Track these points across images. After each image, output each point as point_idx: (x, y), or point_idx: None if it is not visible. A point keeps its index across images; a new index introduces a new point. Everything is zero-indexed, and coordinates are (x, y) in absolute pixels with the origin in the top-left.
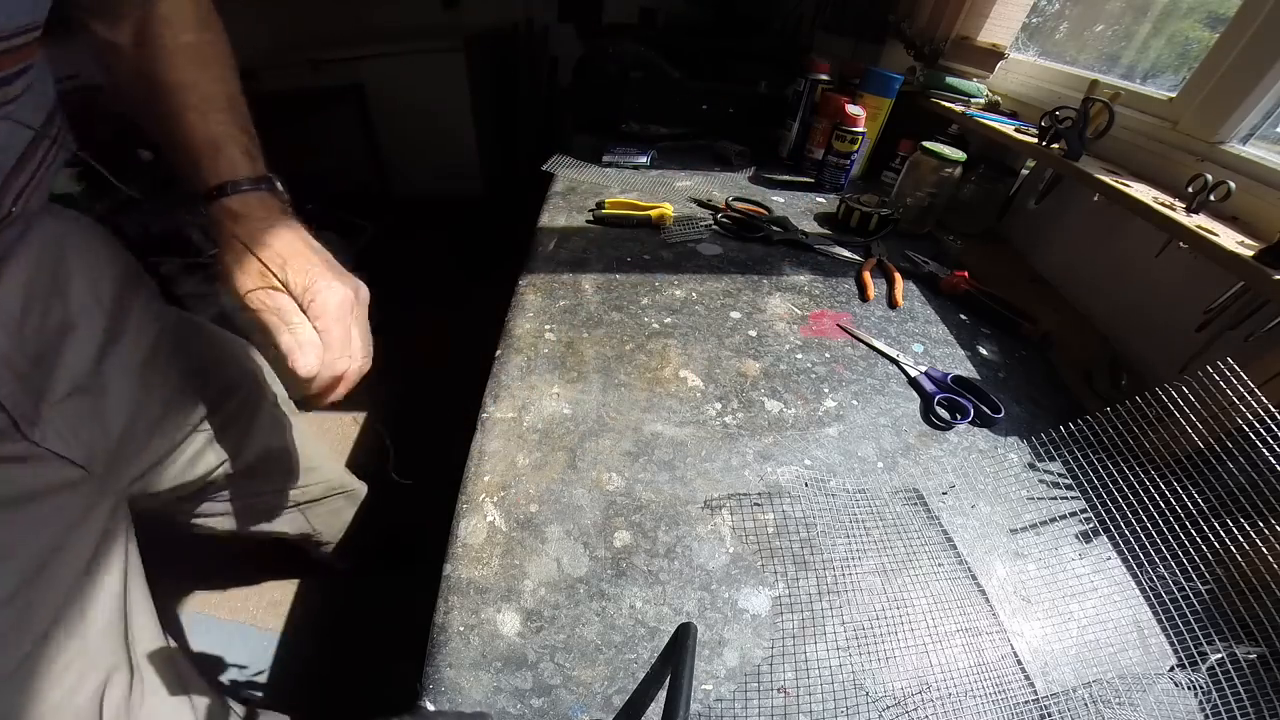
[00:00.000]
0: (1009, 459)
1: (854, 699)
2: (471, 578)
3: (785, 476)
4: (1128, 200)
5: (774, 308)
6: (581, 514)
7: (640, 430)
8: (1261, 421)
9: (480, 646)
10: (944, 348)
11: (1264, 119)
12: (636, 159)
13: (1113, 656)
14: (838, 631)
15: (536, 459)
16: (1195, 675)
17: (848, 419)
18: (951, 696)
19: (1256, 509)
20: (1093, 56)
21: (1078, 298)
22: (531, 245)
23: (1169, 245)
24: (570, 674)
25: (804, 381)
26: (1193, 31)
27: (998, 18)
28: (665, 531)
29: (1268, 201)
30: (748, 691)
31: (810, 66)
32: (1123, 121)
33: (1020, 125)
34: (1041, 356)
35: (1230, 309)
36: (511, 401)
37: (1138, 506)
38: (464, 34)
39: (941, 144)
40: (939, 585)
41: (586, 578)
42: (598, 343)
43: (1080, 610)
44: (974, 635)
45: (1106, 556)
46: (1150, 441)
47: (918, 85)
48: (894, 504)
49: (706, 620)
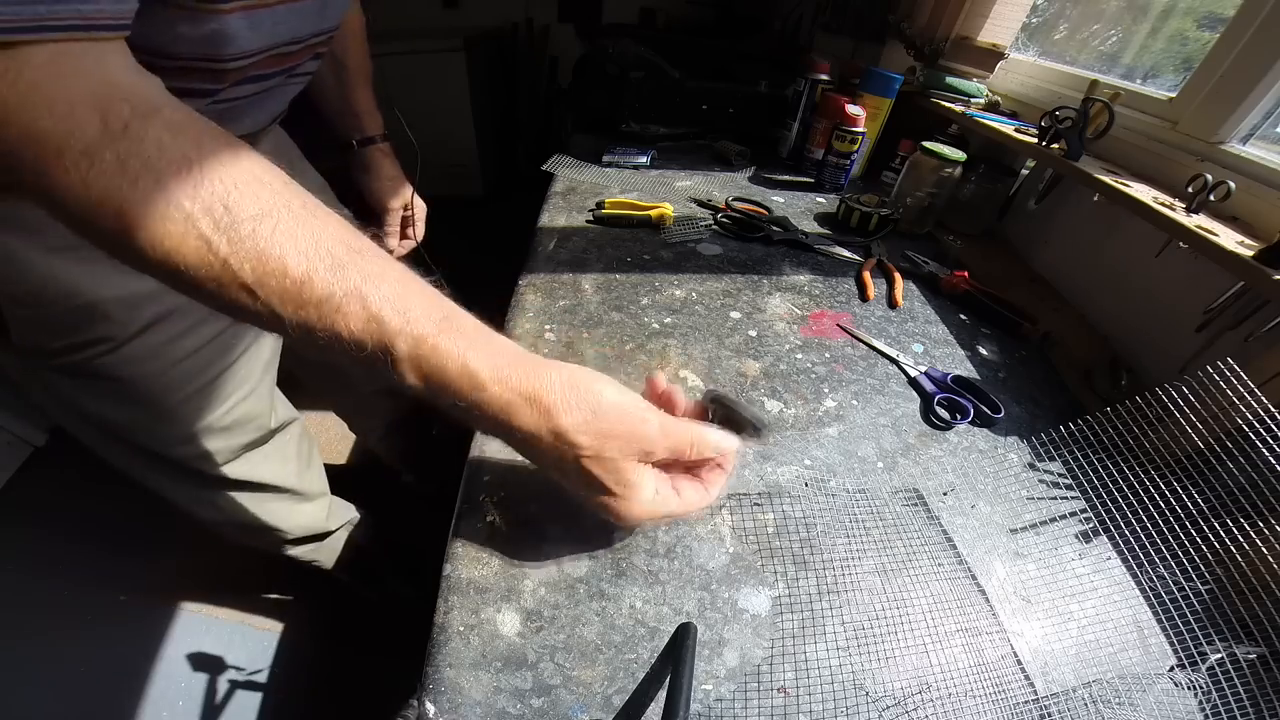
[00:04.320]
0: (1009, 459)
1: (854, 699)
2: (471, 578)
3: (785, 476)
4: (1128, 200)
5: (774, 308)
6: (581, 513)
7: None
8: (1261, 421)
9: (480, 646)
10: (944, 348)
11: (1264, 119)
12: (636, 159)
13: (1113, 656)
14: (838, 631)
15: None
16: (1195, 675)
17: (848, 419)
18: (951, 696)
19: (1256, 509)
20: (1093, 56)
21: (1078, 298)
22: (531, 245)
23: (1169, 245)
24: (570, 674)
25: (804, 381)
26: (1192, 31)
27: (998, 18)
28: (665, 531)
29: (1268, 201)
30: (748, 691)
31: (810, 66)
32: (1123, 121)
33: (1020, 125)
34: (1041, 356)
35: (1230, 309)
36: None
37: (1137, 506)
38: (464, 34)
39: (941, 144)
40: (939, 585)
41: (586, 578)
42: (598, 343)
43: (1080, 610)
44: (974, 635)
45: (1106, 556)
46: (1150, 441)
47: (918, 85)
48: (894, 504)
49: (706, 620)
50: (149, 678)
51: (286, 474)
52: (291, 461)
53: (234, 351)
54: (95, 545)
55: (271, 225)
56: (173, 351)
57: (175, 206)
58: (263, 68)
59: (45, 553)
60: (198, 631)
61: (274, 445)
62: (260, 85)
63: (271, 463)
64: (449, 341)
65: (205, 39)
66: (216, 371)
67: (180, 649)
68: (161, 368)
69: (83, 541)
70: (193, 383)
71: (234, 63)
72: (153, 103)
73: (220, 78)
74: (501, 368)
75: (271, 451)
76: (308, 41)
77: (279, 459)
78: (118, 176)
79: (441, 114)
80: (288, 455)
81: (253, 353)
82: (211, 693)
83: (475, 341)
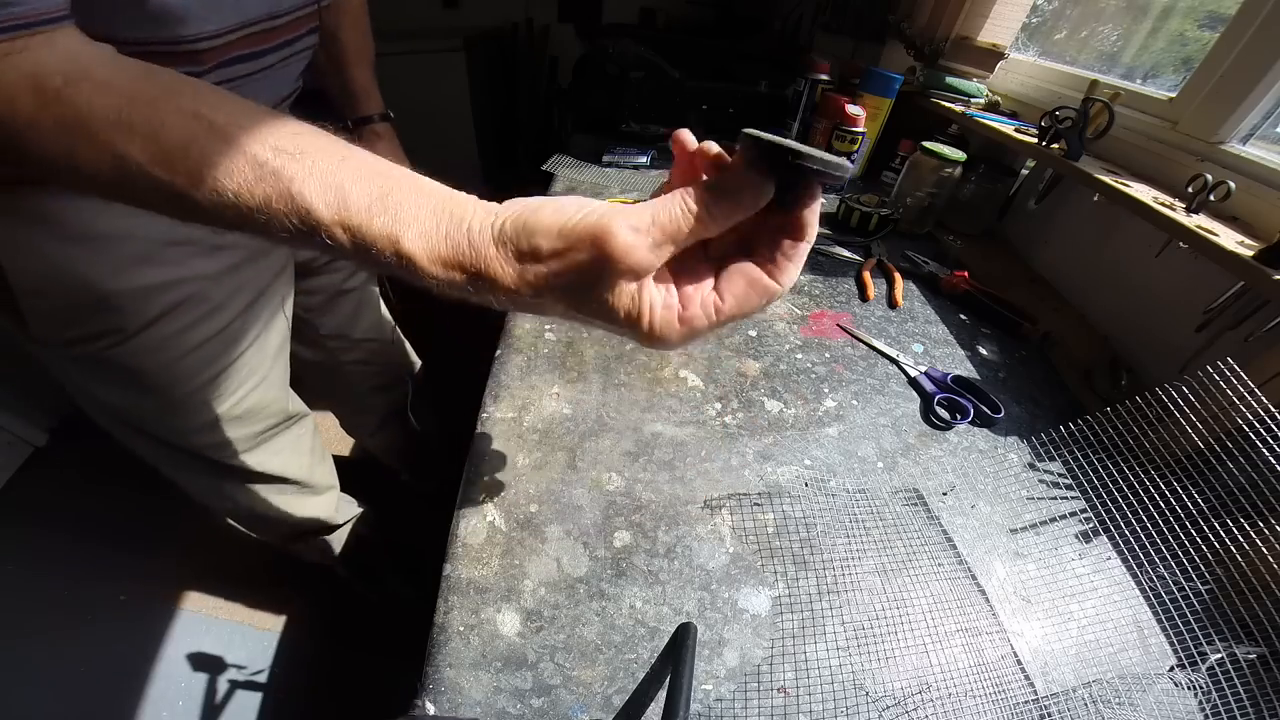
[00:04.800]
0: (1009, 459)
1: (854, 699)
2: (471, 578)
3: (785, 476)
4: (1128, 200)
5: (773, 307)
6: (581, 514)
7: (640, 430)
8: (1261, 421)
9: (480, 646)
10: (944, 348)
11: (1264, 119)
12: (636, 159)
13: (1113, 656)
14: (838, 631)
15: (536, 459)
16: (1195, 675)
17: (848, 419)
18: (951, 696)
19: (1256, 509)
20: (1093, 56)
21: (1077, 298)
22: None
23: (1169, 245)
24: (570, 674)
25: (804, 381)
26: (1192, 31)
27: (998, 18)
28: (665, 531)
29: (1268, 201)
30: (748, 691)
31: (810, 66)
32: (1123, 121)
33: (1020, 125)
34: (1041, 356)
35: (1230, 309)
36: (511, 401)
37: (1137, 506)
38: (464, 34)
39: (941, 144)
40: (939, 585)
41: (586, 578)
42: (597, 342)
43: (1080, 610)
44: (974, 635)
45: (1106, 556)
46: (1150, 441)
47: (918, 85)
48: (894, 504)
49: (706, 620)
50: (149, 678)
51: (300, 466)
52: (306, 455)
53: (243, 342)
54: (95, 545)
55: (200, 149)
56: (182, 343)
57: (106, 148)
58: (248, 45)
59: (45, 552)
60: (198, 631)
61: (290, 437)
62: (255, 64)
63: (286, 454)
64: (381, 224)
65: (153, 20)
66: (227, 362)
67: (180, 649)
68: (172, 359)
69: (82, 541)
70: (204, 373)
71: (204, 43)
72: (85, 69)
73: (196, 59)
74: (436, 247)
75: (287, 444)
76: (293, 14)
77: (293, 451)
78: (63, 135)
79: (441, 114)
80: (302, 448)
81: (261, 342)
82: (211, 693)
83: (401, 216)
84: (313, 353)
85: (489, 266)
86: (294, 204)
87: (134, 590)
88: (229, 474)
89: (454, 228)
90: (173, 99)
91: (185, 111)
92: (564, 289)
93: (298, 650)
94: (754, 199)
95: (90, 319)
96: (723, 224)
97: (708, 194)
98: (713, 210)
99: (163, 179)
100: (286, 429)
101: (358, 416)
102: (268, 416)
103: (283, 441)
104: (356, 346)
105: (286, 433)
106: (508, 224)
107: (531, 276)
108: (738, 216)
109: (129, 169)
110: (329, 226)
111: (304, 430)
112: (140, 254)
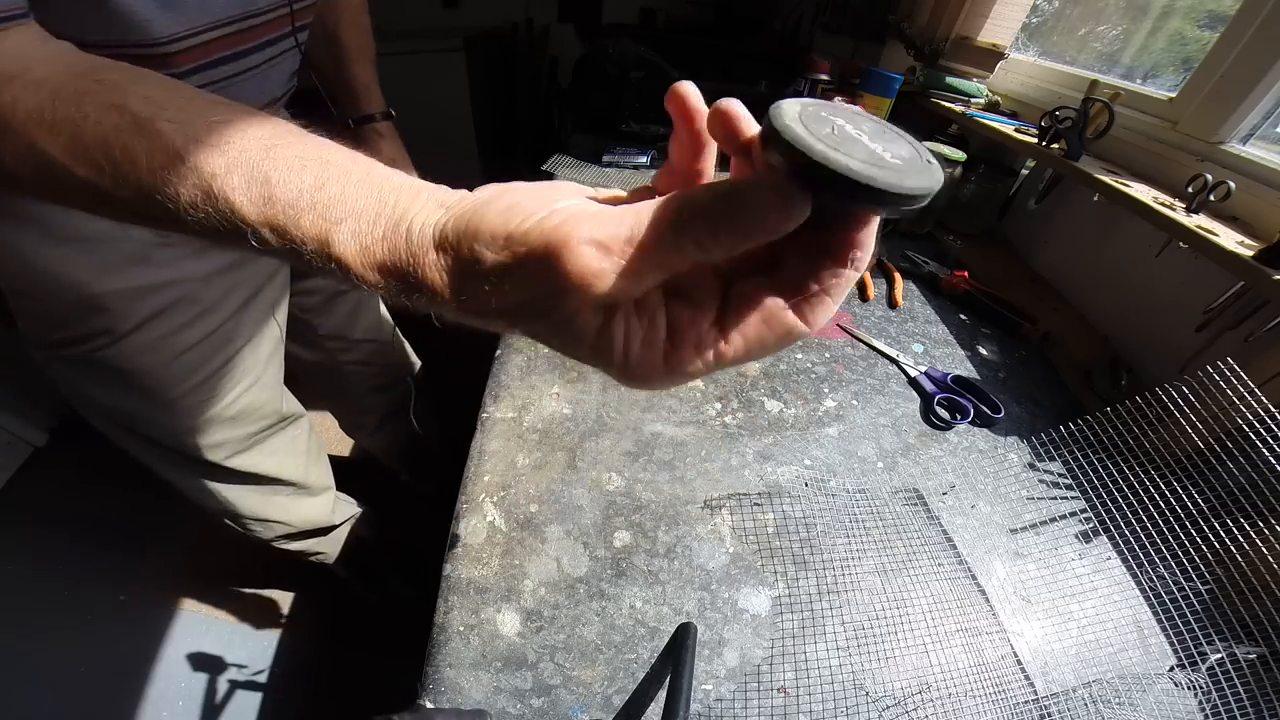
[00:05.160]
0: (1009, 459)
1: (854, 699)
2: (471, 578)
3: (785, 476)
4: (1128, 200)
5: None
6: (581, 514)
7: (640, 430)
8: (1261, 421)
9: (480, 646)
10: (944, 348)
11: (1264, 119)
12: (636, 159)
13: (1113, 656)
14: (838, 631)
15: (536, 459)
16: (1195, 675)
17: (848, 419)
18: (951, 696)
19: (1256, 509)
20: (1093, 56)
21: (1077, 298)
22: None
23: (1169, 245)
24: (570, 674)
25: (804, 381)
26: (1192, 31)
27: (998, 18)
28: (665, 531)
29: (1268, 201)
30: (748, 691)
31: (810, 66)
32: (1123, 121)
33: (1020, 125)
34: (1041, 356)
35: (1230, 309)
36: (511, 401)
37: (1138, 506)
38: (464, 34)
39: (941, 144)
40: (939, 585)
41: (586, 578)
42: None
43: (1080, 610)
44: (974, 635)
45: (1106, 556)
46: (1150, 441)
47: (918, 85)
48: (894, 504)
49: (706, 620)
50: (149, 678)
51: (295, 467)
52: (300, 456)
53: (235, 344)
54: (95, 545)
55: (122, 144)
56: (174, 344)
57: (27, 145)
58: (228, 46)
59: (45, 552)
60: (198, 631)
61: (284, 438)
62: (238, 65)
63: (280, 456)
64: (310, 222)
65: (120, 23)
66: (219, 363)
67: (180, 649)
68: (162, 360)
69: (82, 541)
70: (196, 375)
71: (176, 44)
72: (26, 68)
73: (169, 62)
74: (371, 248)
75: (281, 445)
76: (272, 12)
77: (288, 452)
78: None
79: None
80: (297, 449)
81: (254, 344)
82: (211, 693)
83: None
84: (311, 353)
85: (426, 275)
86: (218, 203)
87: (134, 590)
88: (222, 475)
89: (392, 227)
90: (103, 93)
91: (110, 105)
92: (510, 312)
93: (297, 650)
94: (782, 222)
95: (80, 320)
96: (731, 251)
97: (714, 209)
98: (719, 233)
99: (85, 177)
100: (281, 430)
101: (357, 417)
102: (261, 418)
103: (277, 443)
104: (355, 347)
105: (281, 434)
106: (449, 224)
107: (466, 294)
108: (755, 242)
109: (52, 167)
110: (255, 226)
111: (299, 431)
112: (129, 255)
